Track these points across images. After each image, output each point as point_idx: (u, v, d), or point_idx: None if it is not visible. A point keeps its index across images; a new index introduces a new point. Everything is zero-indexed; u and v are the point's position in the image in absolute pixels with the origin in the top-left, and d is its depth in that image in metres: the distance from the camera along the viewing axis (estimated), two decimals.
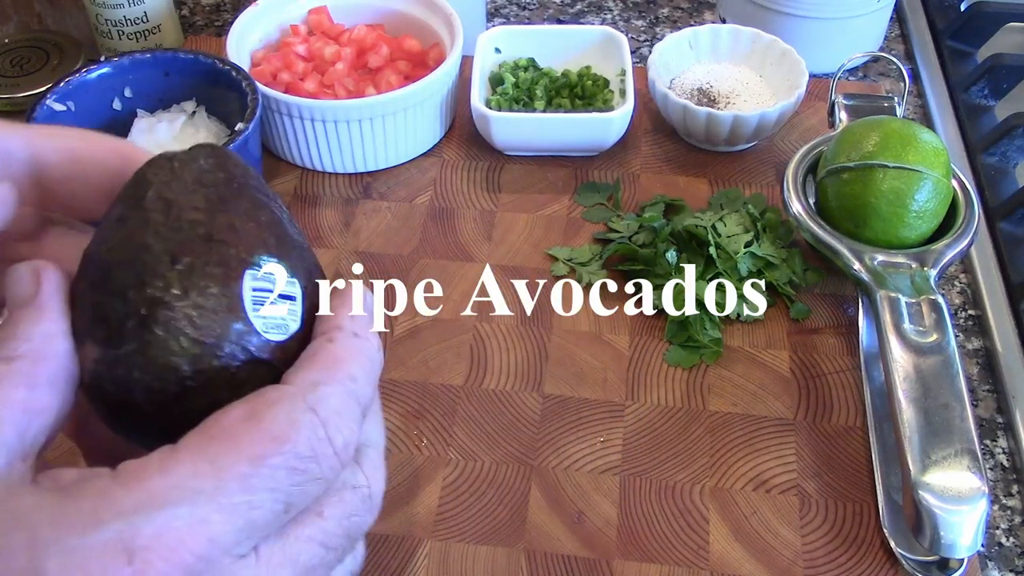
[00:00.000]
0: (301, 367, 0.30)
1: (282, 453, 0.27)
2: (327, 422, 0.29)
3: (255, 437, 0.27)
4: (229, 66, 0.67)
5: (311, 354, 0.30)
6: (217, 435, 0.27)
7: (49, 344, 0.29)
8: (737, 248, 0.62)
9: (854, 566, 0.51)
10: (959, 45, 0.85)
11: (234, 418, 0.28)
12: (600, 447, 0.56)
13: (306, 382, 0.29)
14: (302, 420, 0.28)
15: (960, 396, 0.51)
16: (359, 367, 0.31)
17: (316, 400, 0.29)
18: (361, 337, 0.32)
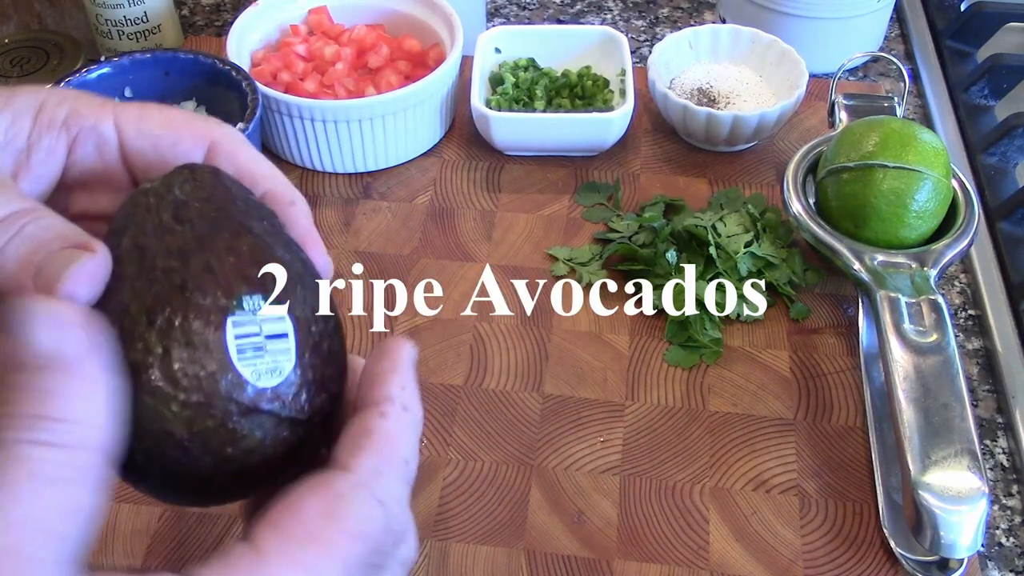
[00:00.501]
0: (360, 449, 0.29)
1: (365, 549, 0.28)
2: (391, 513, 0.29)
3: (343, 538, 0.27)
4: (229, 66, 0.67)
5: (366, 432, 0.30)
6: (304, 537, 0.27)
7: (100, 430, 0.25)
8: (737, 248, 0.62)
9: (854, 566, 0.51)
10: (959, 45, 0.85)
11: (314, 515, 0.27)
12: (600, 447, 0.56)
13: (369, 470, 0.29)
14: (375, 514, 0.28)
15: (960, 396, 0.51)
16: (410, 448, 0.31)
17: (382, 492, 0.29)
18: (410, 411, 0.31)
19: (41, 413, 0.24)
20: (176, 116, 0.34)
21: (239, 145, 0.34)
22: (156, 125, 0.34)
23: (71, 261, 0.27)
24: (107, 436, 0.25)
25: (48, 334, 0.25)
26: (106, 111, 0.33)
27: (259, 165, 0.34)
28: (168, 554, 0.51)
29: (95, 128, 0.33)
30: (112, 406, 0.26)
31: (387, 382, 0.31)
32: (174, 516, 0.53)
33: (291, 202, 0.34)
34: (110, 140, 0.33)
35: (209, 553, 0.32)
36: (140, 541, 0.52)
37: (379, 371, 0.32)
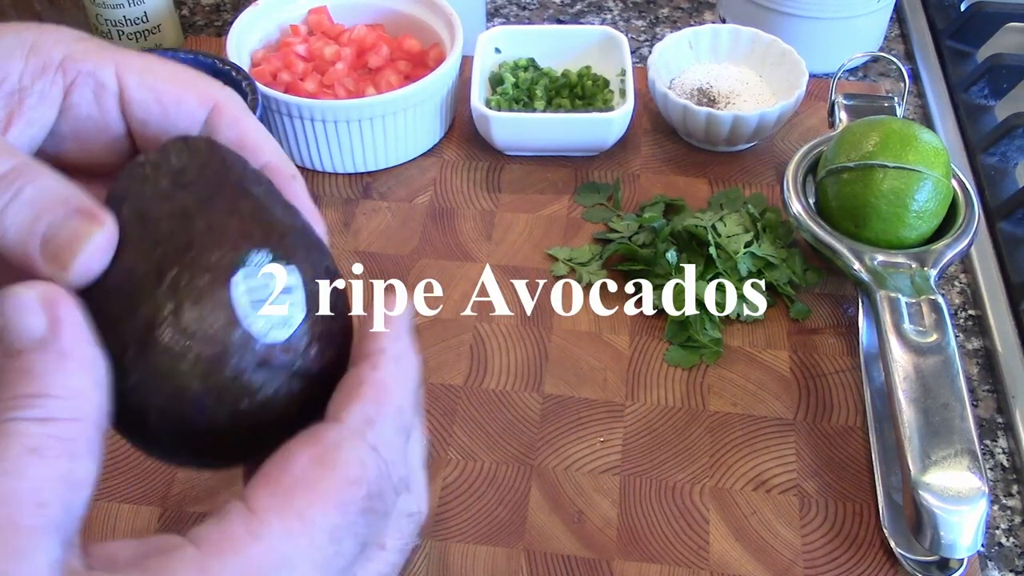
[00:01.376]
0: (351, 399, 0.29)
1: (360, 494, 0.27)
2: (387, 459, 0.28)
3: (335, 484, 0.27)
4: (229, 66, 0.67)
5: (358, 383, 0.29)
6: (294, 486, 0.27)
7: (84, 400, 0.26)
8: (737, 248, 0.62)
9: (854, 566, 0.51)
10: (959, 45, 0.85)
11: (304, 465, 0.27)
12: (600, 447, 0.56)
13: (361, 418, 0.28)
14: (367, 459, 0.28)
15: (960, 396, 0.51)
16: (404, 396, 0.30)
17: (375, 438, 0.28)
18: (403, 361, 0.31)
19: (25, 392, 0.25)
20: (182, 73, 0.33)
21: (243, 112, 0.34)
22: (161, 79, 0.32)
23: (82, 235, 0.27)
24: (92, 406, 0.26)
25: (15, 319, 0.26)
26: (107, 57, 0.32)
27: (261, 135, 0.34)
28: None
29: (94, 74, 0.31)
30: (94, 377, 0.26)
31: (379, 335, 0.31)
32: (174, 516, 0.53)
33: (292, 176, 0.33)
34: (110, 88, 0.32)
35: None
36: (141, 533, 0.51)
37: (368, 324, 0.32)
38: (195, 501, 0.53)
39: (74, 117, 0.32)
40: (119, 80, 0.32)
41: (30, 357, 0.25)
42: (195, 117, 0.33)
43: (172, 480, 0.54)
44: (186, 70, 0.33)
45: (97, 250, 0.28)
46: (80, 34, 0.32)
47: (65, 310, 0.26)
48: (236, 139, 0.33)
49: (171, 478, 0.54)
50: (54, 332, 0.26)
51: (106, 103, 0.32)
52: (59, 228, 0.27)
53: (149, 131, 0.33)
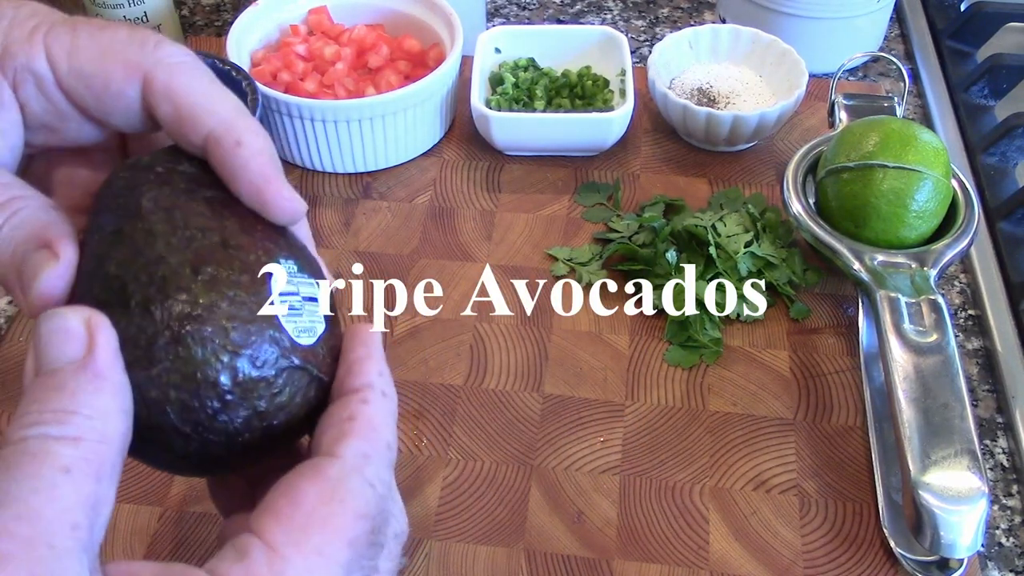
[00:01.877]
0: (346, 435, 0.30)
1: (367, 527, 0.28)
2: (381, 494, 0.29)
3: (346, 520, 0.28)
4: (229, 66, 0.67)
5: (350, 417, 0.30)
6: (308, 523, 0.27)
7: (112, 424, 0.26)
8: (737, 248, 0.63)
9: (854, 566, 0.51)
10: (959, 45, 0.85)
11: (314, 501, 0.28)
12: (600, 447, 0.56)
13: (358, 455, 0.29)
14: (369, 495, 0.29)
15: (960, 396, 0.51)
16: (391, 432, 0.31)
17: (371, 475, 0.29)
18: (388, 397, 0.31)
19: (55, 408, 0.25)
20: (108, 46, 0.30)
21: (178, 77, 0.30)
22: (86, 60, 0.30)
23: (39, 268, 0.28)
24: (118, 431, 0.26)
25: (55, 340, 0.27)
26: (36, 44, 0.30)
27: (200, 99, 0.30)
28: (168, 554, 0.51)
29: (29, 67, 0.30)
30: (122, 403, 0.27)
31: (365, 369, 0.31)
32: (174, 516, 0.53)
33: (236, 143, 0.30)
34: (46, 78, 0.30)
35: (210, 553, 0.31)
36: (140, 541, 0.52)
37: (355, 358, 0.31)
38: (195, 501, 0.53)
39: (31, 113, 0.31)
40: (51, 66, 0.30)
41: (65, 375, 0.26)
42: (127, 96, 0.31)
43: (172, 480, 0.54)
44: (113, 36, 0.31)
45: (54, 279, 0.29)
46: (16, 10, 0.31)
47: (104, 335, 0.27)
48: (172, 115, 0.30)
49: (171, 478, 0.54)
50: (92, 354, 0.26)
51: (51, 94, 0.31)
52: (26, 260, 0.29)
53: (93, 115, 0.31)
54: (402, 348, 0.61)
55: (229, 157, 0.30)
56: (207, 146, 0.30)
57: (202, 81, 0.31)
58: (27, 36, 0.30)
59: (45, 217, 0.29)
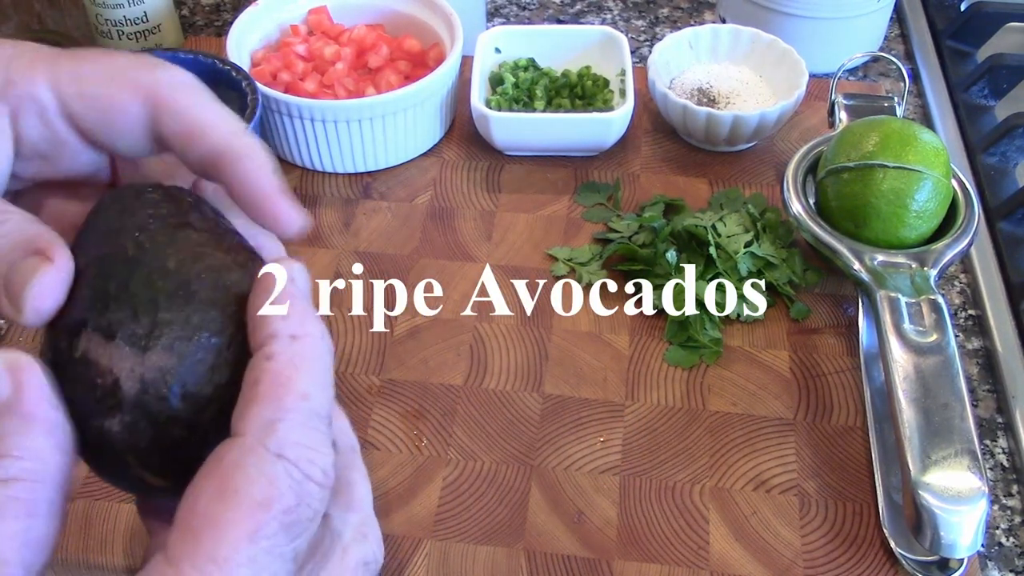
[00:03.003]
0: (247, 404, 0.27)
1: (273, 515, 0.26)
2: (299, 461, 0.26)
3: (240, 514, 0.25)
4: (229, 66, 0.67)
5: (253, 382, 0.27)
6: (200, 528, 0.25)
7: (46, 462, 0.26)
8: (737, 248, 0.63)
9: (854, 566, 0.51)
10: (959, 45, 0.85)
11: (208, 501, 0.26)
12: (600, 447, 0.56)
13: (259, 426, 0.26)
14: (275, 471, 0.26)
15: (960, 396, 0.51)
16: (308, 379, 0.27)
17: (278, 444, 0.26)
18: (300, 337, 0.28)
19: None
20: (114, 70, 0.31)
21: (182, 95, 0.31)
22: (93, 83, 0.30)
23: (32, 273, 0.28)
24: (54, 468, 0.26)
25: None
26: (38, 73, 0.30)
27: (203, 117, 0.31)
28: None
29: (33, 96, 0.30)
30: (56, 440, 0.27)
31: (267, 318, 0.28)
32: None
33: (240, 157, 0.30)
34: (50, 107, 0.30)
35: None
36: (139, 543, 0.52)
37: (253, 309, 0.29)
38: None
39: (30, 141, 0.31)
40: (57, 95, 0.31)
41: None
42: (136, 118, 0.31)
43: None
44: (118, 61, 0.31)
45: (47, 288, 0.28)
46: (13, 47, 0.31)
47: (29, 375, 0.27)
48: (177, 132, 0.31)
49: None
50: (18, 396, 0.26)
51: (52, 123, 0.31)
52: (16, 269, 0.28)
53: (99, 139, 0.32)
54: (402, 348, 0.61)
55: (234, 170, 0.30)
56: (212, 161, 0.31)
57: (205, 99, 0.31)
58: (30, 66, 0.30)
59: (32, 228, 0.29)
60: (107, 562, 0.51)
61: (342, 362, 0.60)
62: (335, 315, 0.62)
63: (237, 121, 0.31)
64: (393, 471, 0.55)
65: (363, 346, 0.61)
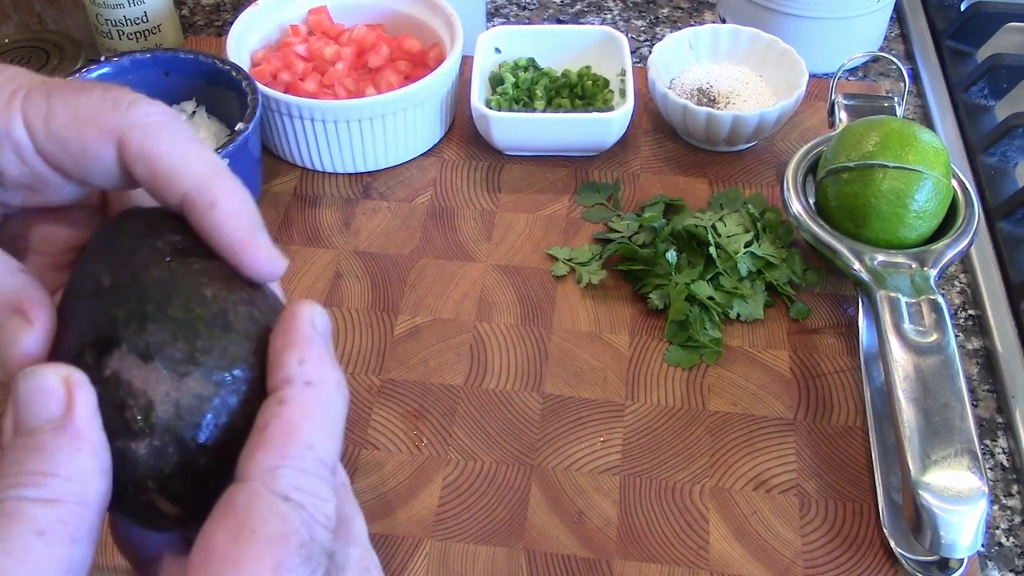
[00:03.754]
0: (253, 449, 0.27)
1: (292, 548, 0.26)
2: (303, 503, 0.27)
3: (259, 551, 0.26)
4: (229, 66, 0.67)
5: (262, 426, 0.28)
6: (222, 567, 0.26)
7: (90, 485, 0.26)
8: (737, 248, 0.62)
9: (854, 566, 0.51)
10: (959, 45, 0.85)
11: (224, 543, 0.26)
12: (600, 447, 0.56)
13: (263, 471, 0.27)
14: (283, 511, 0.27)
15: (960, 396, 0.51)
16: (315, 428, 0.28)
17: (282, 489, 0.27)
18: (314, 384, 0.28)
19: (32, 470, 0.25)
20: (82, 109, 0.30)
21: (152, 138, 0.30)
22: (62, 124, 0.30)
23: (15, 336, 0.28)
24: (97, 492, 0.26)
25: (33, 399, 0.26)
26: (14, 111, 0.30)
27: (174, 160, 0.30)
28: None
29: (8, 135, 0.30)
30: (101, 462, 0.27)
31: (282, 361, 0.28)
32: None
33: (210, 205, 0.30)
34: (24, 145, 0.30)
35: None
36: None
37: (274, 352, 0.29)
38: None
39: (11, 177, 0.31)
40: (29, 132, 0.30)
41: (43, 436, 0.26)
42: (104, 160, 0.30)
43: None
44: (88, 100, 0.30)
45: (27, 346, 0.28)
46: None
47: (82, 393, 0.27)
48: (148, 177, 0.30)
49: None
50: (70, 414, 0.26)
51: (29, 160, 0.30)
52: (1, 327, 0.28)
53: (74, 178, 0.31)
54: (402, 348, 0.61)
55: (204, 219, 0.30)
56: (183, 207, 0.30)
57: (176, 141, 0.30)
58: (6, 103, 0.30)
59: (15, 282, 0.29)
60: (107, 562, 0.51)
61: (342, 362, 0.60)
62: (335, 315, 0.62)
63: (210, 160, 0.31)
64: (393, 471, 0.55)
65: (363, 346, 0.61)
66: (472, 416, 0.57)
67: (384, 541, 0.52)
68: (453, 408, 0.58)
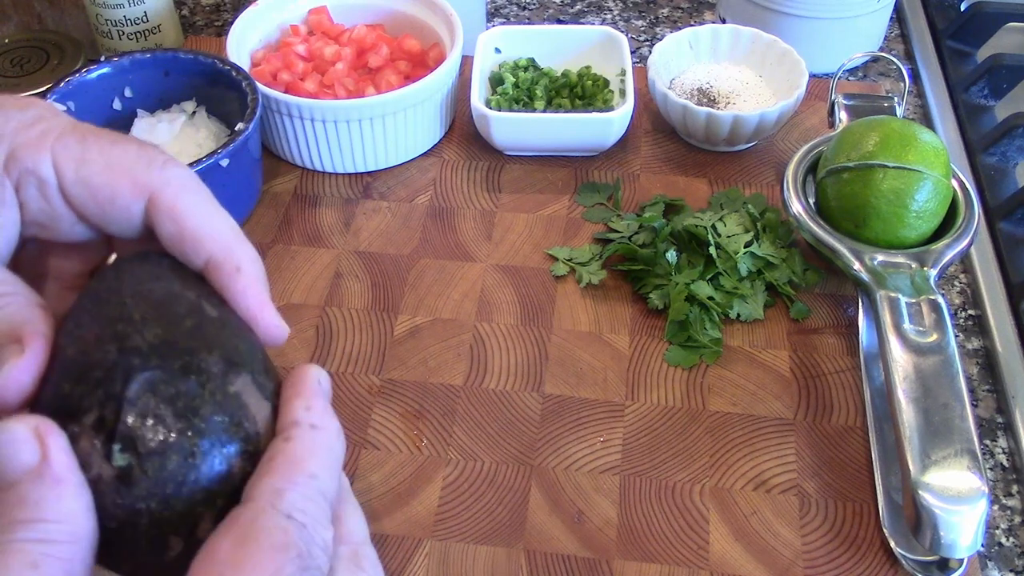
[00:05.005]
0: (261, 475, 0.29)
1: (291, 558, 0.28)
2: (305, 524, 0.29)
3: (262, 557, 0.27)
4: (229, 66, 0.67)
5: (269, 458, 0.30)
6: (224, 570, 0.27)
7: (79, 524, 0.27)
8: (737, 248, 0.63)
9: (854, 566, 0.51)
10: (959, 45, 0.85)
11: (228, 550, 0.27)
12: (600, 447, 0.56)
13: (268, 491, 0.29)
14: (285, 525, 0.28)
15: (960, 396, 0.51)
16: (318, 463, 0.30)
17: (286, 507, 0.28)
18: (318, 428, 0.31)
19: (23, 518, 0.26)
20: (116, 160, 0.32)
21: (182, 199, 0.32)
22: (94, 172, 0.32)
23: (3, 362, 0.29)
24: (85, 528, 0.27)
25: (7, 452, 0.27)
26: (44, 149, 0.31)
27: (203, 222, 0.32)
28: None
29: (35, 171, 0.31)
30: (85, 502, 0.27)
31: (291, 408, 0.31)
32: None
33: (236, 268, 0.32)
34: (50, 183, 0.31)
35: None
36: None
37: (283, 400, 0.32)
38: None
39: (29, 212, 0.32)
40: (57, 173, 0.31)
41: (25, 487, 0.27)
42: (131, 212, 0.32)
43: None
44: (122, 153, 0.32)
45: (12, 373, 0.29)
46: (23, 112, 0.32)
47: (54, 439, 0.28)
48: (175, 235, 0.32)
49: None
50: (46, 461, 0.27)
51: (51, 198, 0.32)
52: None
53: (91, 223, 0.33)
54: (402, 348, 0.61)
55: (229, 282, 0.32)
56: (207, 268, 0.32)
57: (204, 204, 0.33)
58: (36, 141, 0.31)
59: (27, 315, 0.30)
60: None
61: (342, 362, 0.60)
62: (335, 315, 0.62)
63: (233, 225, 0.33)
64: (393, 471, 0.55)
65: (363, 346, 0.61)
66: (472, 416, 0.57)
67: (384, 541, 0.52)
68: (453, 408, 0.58)
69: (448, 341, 0.61)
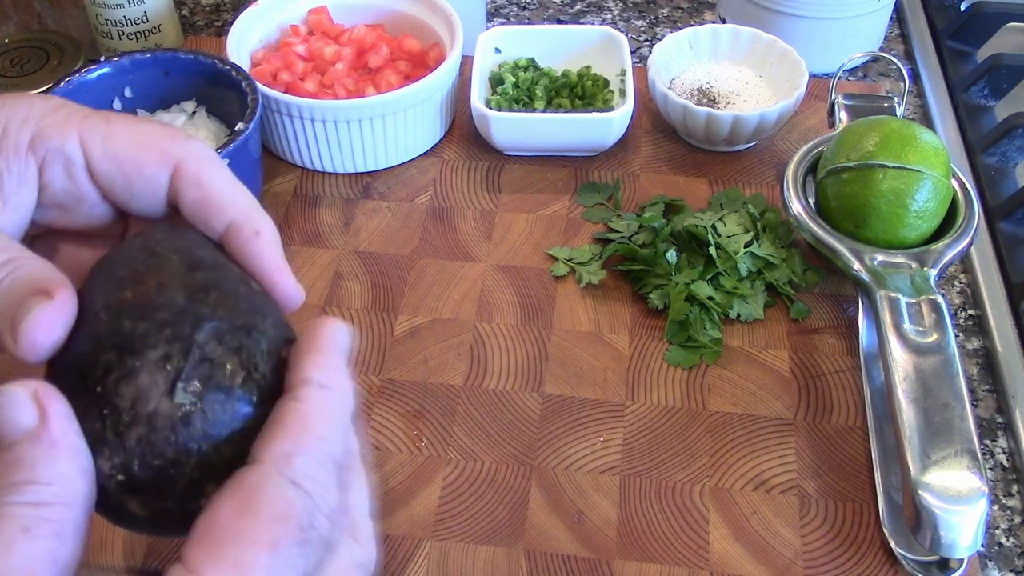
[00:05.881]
0: (270, 437, 0.29)
1: (290, 529, 0.28)
2: (311, 491, 0.29)
3: (261, 525, 0.27)
4: (229, 66, 0.67)
5: (279, 418, 0.30)
6: (224, 537, 0.27)
7: (72, 487, 0.27)
8: (737, 248, 0.63)
9: (854, 566, 0.51)
10: (959, 45, 0.85)
11: (229, 514, 0.28)
12: (600, 447, 0.56)
13: (277, 456, 0.29)
14: (291, 494, 0.28)
15: (960, 396, 0.51)
16: (328, 426, 0.30)
17: (293, 473, 0.29)
18: (329, 388, 0.31)
19: (17, 480, 0.27)
20: (142, 134, 0.33)
21: (205, 168, 0.34)
22: (122, 146, 0.33)
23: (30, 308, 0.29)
24: (80, 493, 0.28)
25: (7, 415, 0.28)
26: (70, 129, 0.32)
27: (224, 190, 0.34)
28: (168, 555, 0.51)
29: (61, 150, 0.32)
30: (80, 465, 0.28)
31: (303, 364, 0.31)
32: None
33: (255, 232, 0.33)
34: (76, 161, 0.33)
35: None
36: (140, 541, 0.52)
37: (296, 355, 0.32)
38: None
39: (52, 192, 0.33)
40: (84, 151, 0.33)
41: (22, 448, 0.27)
42: (158, 181, 0.33)
43: None
44: (148, 128, 0.34)
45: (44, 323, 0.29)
46: (45, 101, 0.33)
47: (53, 404, 0.28)
48: (198, 201, 0.33)
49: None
50: (44, 424, 0.28)
51: (76, 176, 0.33)
52: (20, 305, 0.29)
53: (117, 198, 0.34)
54: (402, 348, 0.61)
55: (249, 245, 0.33)
56: (228, 233, 0.33)
57: (225, 174, 0.34)
58: (62, 121, 0.32)
59: (47, 273, 0.30)
60: (107, 562, 0.51)
61: None
62: (335, 315, 0.62)
63: (249, 194, 0.34)
64: (393, 471, 0.55)
65: (363, 346, 0.61)
66: (472, 416, 0.57)
67: (384, 541, 0.52)
68: (453, 408, 0.58)
69: (448, 341, 0.61)
